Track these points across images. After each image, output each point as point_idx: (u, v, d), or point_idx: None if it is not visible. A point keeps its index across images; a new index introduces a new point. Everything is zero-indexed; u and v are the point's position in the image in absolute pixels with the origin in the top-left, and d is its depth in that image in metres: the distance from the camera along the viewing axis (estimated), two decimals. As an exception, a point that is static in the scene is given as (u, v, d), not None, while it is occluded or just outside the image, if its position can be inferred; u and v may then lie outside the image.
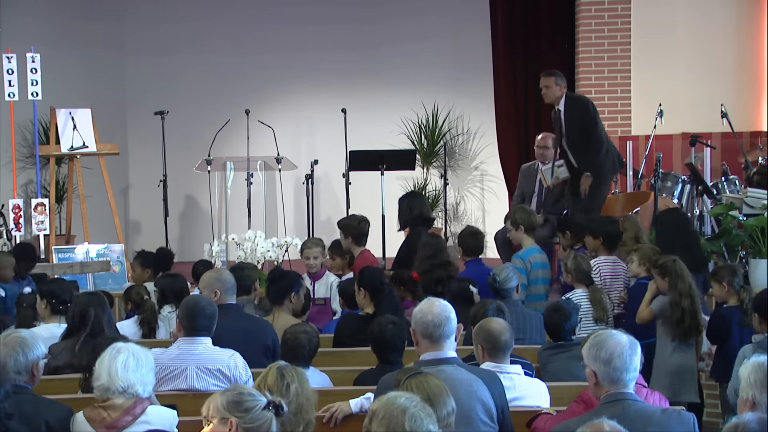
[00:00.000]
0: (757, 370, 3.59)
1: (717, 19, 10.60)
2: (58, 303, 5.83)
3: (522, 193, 9.25)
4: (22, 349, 4.10)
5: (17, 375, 4.06)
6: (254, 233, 8.97)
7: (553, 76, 8.46)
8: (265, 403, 3.33)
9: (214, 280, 5.72)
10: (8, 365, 4.05)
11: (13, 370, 4.05)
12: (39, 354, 4.17)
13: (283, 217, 10.89)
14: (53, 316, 5.85)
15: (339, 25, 12.30)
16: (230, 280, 5.75)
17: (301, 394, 3.67)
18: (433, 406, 3.34)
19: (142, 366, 4.03)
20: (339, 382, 5.16)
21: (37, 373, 4.16)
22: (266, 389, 3.59)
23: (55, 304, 5.84)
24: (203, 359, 4.90)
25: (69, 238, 10.43)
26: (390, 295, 6.12)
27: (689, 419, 3.78)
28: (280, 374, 3.67)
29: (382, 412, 3.14)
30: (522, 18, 11.22)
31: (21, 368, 4.08)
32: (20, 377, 4.08)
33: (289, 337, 5.02)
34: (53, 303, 5.85)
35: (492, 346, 4.51)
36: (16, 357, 4.07)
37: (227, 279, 5.75)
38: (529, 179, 9.21)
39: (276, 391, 3.60)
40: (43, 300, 5.90)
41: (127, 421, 3.96)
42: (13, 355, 4.07)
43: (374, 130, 11.79)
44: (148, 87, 12.26)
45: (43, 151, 10.06)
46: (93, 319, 5.26)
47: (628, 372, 3.74)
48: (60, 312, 5.79)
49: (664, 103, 9.51)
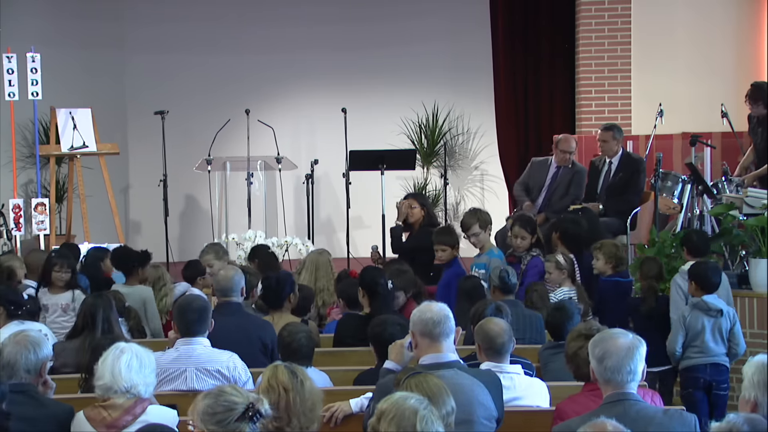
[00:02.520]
0: (761, 370, 3.55)
1: (717, 19, 10.59)
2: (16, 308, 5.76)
3: (526, 183, 9.28)
4: (33, 348, 4.14)
5: (26, 374, 4.10)
6: (254, 233, 9.03)
7: (611, 131, 8.66)
8: (241, 411, 3.23)
9: (216, 279, 5.80)
10: (19, 363, 4.09)
11: (23, 368, 4.09)
12: (48, 353, 4.22)
13: (283, 216, 10.91)
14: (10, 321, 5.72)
15: (339, 25, 12.29)
16: (235, 278, 5.78)
17: (313, 391, 3.67)
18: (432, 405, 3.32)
19: (145, 367, 4.04)
20: (339, 382, 5.15)
21: (44, 373, 4.19)
22: (280, 386, 3.57)
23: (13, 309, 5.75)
24: (202, 360, 4.92)
25: (69, 237, 10.38)
26: (386, 296, 6.11)
27: (691, 420, 3.77)
28: (290, 371, 3.64)
29: (392, 412, 3.13)
30: (522, 18, 11.20)
31: (31, 367, 4.12)
32: (29, 376, 4.11)
33: (288, 336, 5.02)
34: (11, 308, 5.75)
35: (489, 346, 4.52)
36: (27, 355, 4.11)
37: (230, 277, 5.77)
38: (540, 173, 9.22)
39: (291, 388, 3.58)
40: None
41: (127, 420, 3.96)
42: (24, 353, 4.11)
43: (374, 130, 11.79)
44: (148, 86, 12.25)
45: (43, 150, 10.07)
46: (103, 320, 5.30)
47: (620, 373, 3.71)
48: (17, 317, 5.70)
49: (664, 103, 9.47)
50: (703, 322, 6.03)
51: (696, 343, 6.04)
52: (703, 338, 6.02)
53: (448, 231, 7.52)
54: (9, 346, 4.16)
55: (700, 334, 6.03)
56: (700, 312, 6.04)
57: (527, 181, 9.32)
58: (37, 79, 9.58)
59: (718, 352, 6.06)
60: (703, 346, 6.03)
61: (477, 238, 7.38)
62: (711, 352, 6.04)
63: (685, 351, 6.06)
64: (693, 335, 6.03)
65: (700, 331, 6.02)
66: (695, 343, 6.03)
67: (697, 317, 6.04)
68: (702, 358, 6.02)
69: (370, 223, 11.26)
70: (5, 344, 4.19)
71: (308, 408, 3.60)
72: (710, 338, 6.03)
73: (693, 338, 6.04)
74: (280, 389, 3.55)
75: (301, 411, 3.57)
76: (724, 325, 6.05)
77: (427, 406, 3.17)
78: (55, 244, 9.43)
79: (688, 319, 6.04)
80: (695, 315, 6.04)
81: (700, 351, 6.03)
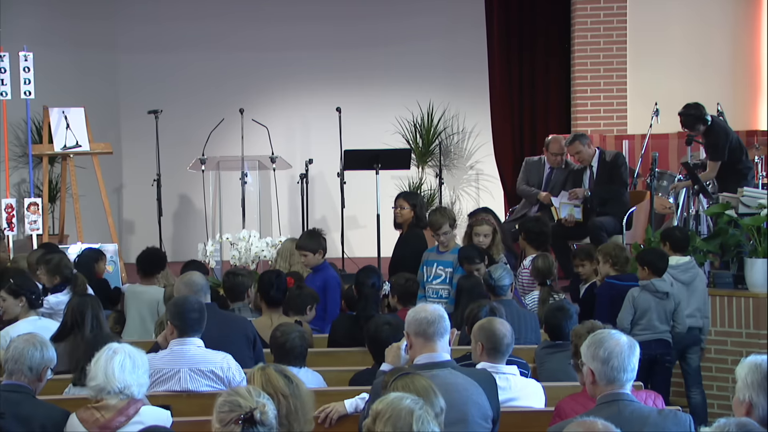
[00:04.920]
0: (754, 371, 3.53)
1: (712, 16, 10.59)
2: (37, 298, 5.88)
3: (526, 182, 9.40)
4: (41, 347, 4.23)
5: (29, 371, 4.18)
6: (248, 233, 8.98)
7: (576, 141, 8.86)
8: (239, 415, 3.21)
9: (182, 284, 5.67)
10: (25, 357, 4.17)
11: (27, 364, 4.17)
12: (51, 357, 4.28)
13: (278, 216, 10.84)
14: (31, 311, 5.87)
15: (334, 23, 12.28)
16: (199, 282, 5.69)
17: (308, 393, 3.65)
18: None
19: (138, 367, 4.05)
20: (333, 382, 5.16)
21: (44, 377, 4.25)
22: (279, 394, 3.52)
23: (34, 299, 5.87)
24: (196, 361, 4.91)
25: (62, 237, 10.40)
26: (370, 296, 6.18)
27: (685, 420, 3.77)
28: (282, 374, 3.60)
29: (388, 413, 3.13)
30: (517, 16, 11.18)
31: (35, 364, 4.18)
32: (30, 374, 4.18)
33: (281, 336, 5.02)
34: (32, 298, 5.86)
35: (493, 347, 4.53)
36: (34, 352, 4.19)
37: (196, 281, 5.68)
38: (535, 173, 9.33)
39: (290, 393, 3.55)
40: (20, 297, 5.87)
41: (120, 421, 3.95)
42: (30, 349, 4.20)
43: (369, 129, 11.78)
44: (142, 86, 12.21)
45: (36, 150, 10.01)
46: (92, 320, 5.34)
47: (625, 372, 3.74)
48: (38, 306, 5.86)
49: (660, 102, 9.50)
50: (651, 303, 6.55)
51: (642, 321, 6.55)
52: (649, 317, 6.54)
53: (314, 235, 7.42)
54: (17, 342, 4.27)
55: (647, 313, 6.54)
56: (649, 293, 6.56)
57: (526, 181, 9.44)
58: (30, 78, 9.55)
59: (662, 329, 6.57)
60: (649, 324, 6.54)
61: (447, 236, 7.39)
62: (656, 329, 6.55)
63: (633, 328, 6.51)
64: (640, 313, 6.56)
65: (646, 309, 6.54)
66: (641, 321, 6.54)
67: (646, 298, 6.56)
68: (647, 335, 6.47)
69: (365, 223, 11.26)
70: (14, 340, 4.32)
71: (307, 411, 3.60)
72: (655, 317, 6.54)
73: (641, 316, 6.55)
74: (279, 396, 3.50)
75: (301, 415, 3.56)
76: (668, 307, 6.57)
77: (423, 406, 3.17)
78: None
79: (637, 299, 6.57)
80: (644, 296, 6.57)
81: (645, 328, 6.52)
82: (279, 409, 3.44)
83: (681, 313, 6.65)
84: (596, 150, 8.95)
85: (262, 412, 3.21)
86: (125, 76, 12.43)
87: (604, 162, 8.89)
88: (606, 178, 8.86)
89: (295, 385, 3.59)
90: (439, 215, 7.41)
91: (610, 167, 8.85)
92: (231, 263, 8.85)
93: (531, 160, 9.54)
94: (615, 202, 8.70)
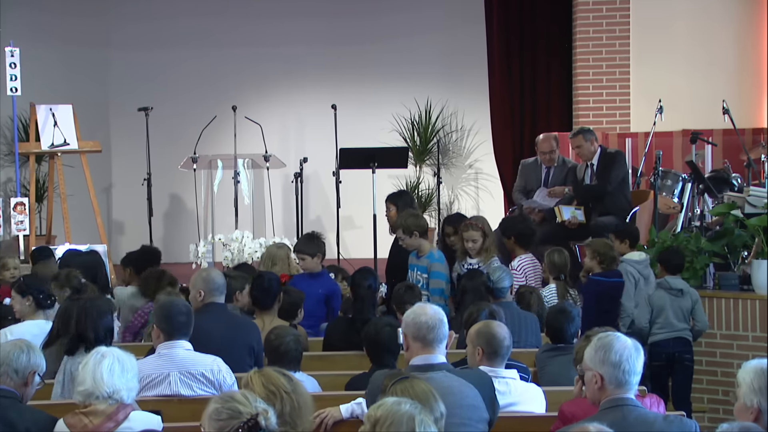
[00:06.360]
0: (760, 375, 3.50)
1: (717, 12, 10.58)
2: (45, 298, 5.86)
3: (523, 186, 9.33)
4: (27, 350, 4.21)
5: (14, 374, 4.15)
6: (241, 233, 9.07)
7: (579, 135, 8.78)
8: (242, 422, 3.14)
9: (200, 280, 5.69)
10: (11, 358, 4.15)
11: (12, 366, 4.14)
12: (39, 362, 4.24)
13: (272, 216, 10.90)
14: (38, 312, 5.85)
15: (329, 19, 12.28)
16: (217, 279, 5.70)
17: (307, 393, 3.64)
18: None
19: (128, 371, 4.02)
20: (328, 387, 5.16)
21: (31, 383, 4.21)
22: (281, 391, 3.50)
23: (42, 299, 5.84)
24: (186, 364, 4.89)
25: (49, 238, 10.38)
26: (366, 298, 6.14)
27: (691, 426, 3.76)
28: (282, 374, 3.58)
29: (388, 419, 3.14)
30: (517, 11, 11.16)
31: (21, 367, 4.16)
32: (16, 377, 4.15)
33: (275, 339, 4.99)
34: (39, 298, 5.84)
35: (493, 350, 4.50)
36: (20, 354, 4.17)
37: (214, 278, 5.69)
38: (533, 175, 9.26)
39: (292, 390, 3.53)
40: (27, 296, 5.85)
41: (109, 427, 3.91)
42: (16, 352, 4.18)
43: (365, 127, 11.72)
44: (132, 83, 12.20)
45: (23, 148, 10.01)
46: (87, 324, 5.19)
47: (635, 375, 3.71)
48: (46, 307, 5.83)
49: (664, 99, 9.49)
50: (666, 300, 6.73)
51: (659, 320, 6.72)
52: (666, 315, 6.72)
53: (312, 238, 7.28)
54: (4, 345, 4.29)
55: (663, 311, 6.71)
56: (664, 291, 6.75)
57: (523, 185, 9.35)
58: (17, 74, 9.52)
59: (680, 327, 6.73)
60: (666, 322, 6.71)
61: (403, 242, 7.31)
62: (674, 327, 6.71)
63: (651, 327, 6.71)
64: (657, 311, 6.73)
65: (662, 307, 6.72)
66: (659, 320, 6.72)
67: (661, 295, 6.76)
68: (665, 333, 6.70)
69: (361, 224, 11.22)
70: (2, 344, 4.36)
71: (309, 410, 3.59)
72: (672, 315, 6.71)
73: (657, 314, 6.73)
74: (282, 393, 3.49)
75: (304, 414, 3.54)
76: (684, 304, 6.74)
77: (422, 411, 3.19)
78: (35, 245, 9.33)
79: (652, 297, 6.76)
80: (659, 293, 6.77)
81: (663, 327, 6.71)
82: (282, 407, 3.45)
83: (699, 310, 6.79)
84: (599, 148, 8.80)
85: (266, 417, 3.17)
86: (115, 73, 12.43)
87: (606, 157, 8.79)
88: (607, 174, 8.72)
89: (294, 383, 3.57)
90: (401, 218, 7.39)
91: (605, 162, 8.71)
92: (223, 264, 8.87)
93: (526, 162, 9.53)
94: (596, 202, 8.57)
